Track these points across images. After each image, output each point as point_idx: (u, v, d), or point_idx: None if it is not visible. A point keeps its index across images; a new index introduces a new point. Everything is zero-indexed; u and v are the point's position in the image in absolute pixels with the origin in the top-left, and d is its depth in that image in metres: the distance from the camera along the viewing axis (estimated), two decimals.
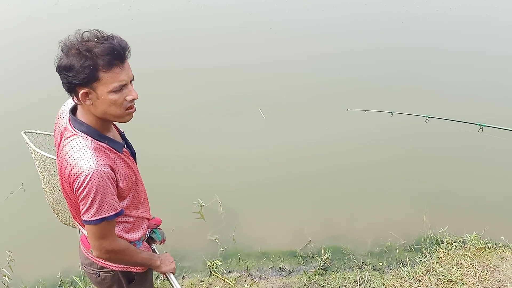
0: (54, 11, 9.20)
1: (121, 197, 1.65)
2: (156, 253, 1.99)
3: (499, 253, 3.66)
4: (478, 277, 3.38)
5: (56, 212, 2.40)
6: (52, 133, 1.79)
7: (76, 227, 2.69)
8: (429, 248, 3.74)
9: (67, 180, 1.53)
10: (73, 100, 1.55)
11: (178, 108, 5.73)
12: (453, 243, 3.75)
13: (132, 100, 1.55)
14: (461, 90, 6.59)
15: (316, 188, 4.56)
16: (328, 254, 3.70)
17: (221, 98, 6.05)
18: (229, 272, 3.57)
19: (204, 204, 4.15)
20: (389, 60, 7.50)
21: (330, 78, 6.78)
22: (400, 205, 4.34)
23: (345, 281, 3.43)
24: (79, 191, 1.49)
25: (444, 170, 4.90)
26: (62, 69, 1.45)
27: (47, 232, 3.68)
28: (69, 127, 1.57)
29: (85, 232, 1.77)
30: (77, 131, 1.54)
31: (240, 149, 5.10)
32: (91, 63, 1.42)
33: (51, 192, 2.33)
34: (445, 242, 3.78)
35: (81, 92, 1.47)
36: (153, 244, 2.04)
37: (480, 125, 3.56)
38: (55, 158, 2.26)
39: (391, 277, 3.45)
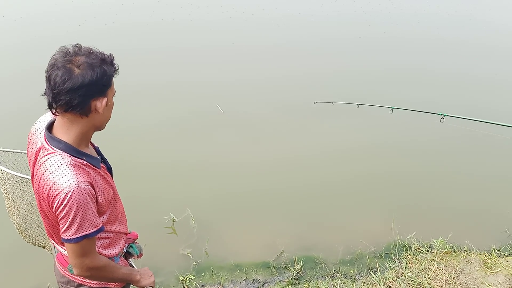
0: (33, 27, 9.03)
1: (100, 213, 1.64)
2: (134, 267, 1.98)
3: (464, 257, 3.79)
4: (445, 280, 3.49)
5: (22, 231, 2.34)
6: (19, 151, 1.76)
7: (44, 247, 2.63)
8: (398, 254, 3.84)
9: (46, 199, 1.51)
10: (68, 117, 1.50)
11: (148, 124, 5.70)
12: (421, 249, 3.87)
13: None
14: (424, 81, 6.92)
15: (288, 200, 4.61)
16: (301, 264, 3.74)
17: (188, 112, 6.07)
18: (202, 286, 3.55)
19: (176, 219, 4.13)
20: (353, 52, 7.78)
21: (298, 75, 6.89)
22: (369, 214, 4.44)
23: None
24: (59, 209, 1.47)
25: (409, 177, 5.06)
26: (75, 89, 1.41)
27: (12, 251, 3.57)
28: (45, 145, 1.54)
29: (61, 250, 1.75)
30: (55, 148, 1.52)
31: (211, 162, 5.11)
32: (104, 71, 1.47)
33: (16, 211, 2.28)
34: (413, 247, 3.89)
35: (99, 102, 1.49)
36: (130, 259, 2.03)
37: (441, 114, 3.72)
38: (22, 176, 2.22)
39: (363, 284, 3.51)
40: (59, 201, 1.45)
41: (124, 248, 1.94)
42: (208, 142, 5.49)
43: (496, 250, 3.90)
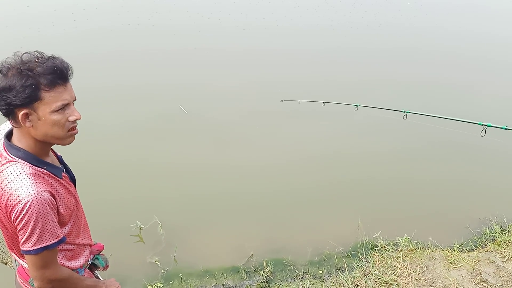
0: None
1: (62, 224, 1.60)
2: (101, 279, 1.93)
3: (428, 253, 3.90)
4: (411, 277, 3.57)
5: None
6: None
7: (6, 264, 2.52)
8: (365, 253, 3.91)
9: (4, 209, 1.47)
10: (11, 124, 1.49)
11: (110, 129, 5.60)
12: (387, 247, 3.95)
13: (75, 121, 1.53)
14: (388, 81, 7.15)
15: (256, 203, 4.62)
16: (270, 266, 3.75)
17: (152, 117, 6.01)
18: None
19: (143, 226, 4.06)
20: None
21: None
22: (336, 214, 4.50)
23: None
24: (18, 220, 1.42)
25: (373, 177, 5.15)
26: (1, 91, 1.39)
27: None
28: (4, 153, 1.51)
29: (22, 262, 1.69)
30: (14, 157, 1.48)
31: (177, 167, 5.06)
32: (33, 82, 1.38)
33: None
34: (379, 246, 3.97)
35: (21, 113, 1.42)
36: (96, 271, 1.98)
37: (404, 112, 3.83)
38: None
39: (331, 284, 3.55)
40: (17, 211, 1.41)
41: (89, 260, 1.90)
42: (173, 147, 5.43)
43: (458, 246, 4.03)
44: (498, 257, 3.83)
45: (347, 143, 5.72)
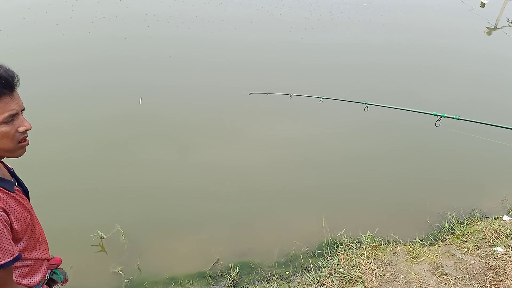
0: None
1: (16, 240, 1.51)
2: None
3: (391, 249, 3.98)
4: (375, 273, 3.64)
5: None
6: None
7: None
8: (330, 252, 3.96)
9: None
10: None
11: (66, 141, 5.39)
12: (351, 244, 4.01)
13: (25, 132, 1.46)
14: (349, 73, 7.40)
15: (220, 207, 4.57)
16: (237, 270, 3.73)
17: (108, 120, 5.83)
18: None
19: (104, 236, 3.93)
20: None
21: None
22: (301, 215, 4.52)
23: None
24: None
25: (335, 175, 5.21)
26: None
27: None
28: None
29: None
30: None
31: (136, 173, 4.92)
32: None
33: None
34: (343, 244, 4.02)
35: None
36: (54, 286, 1.90)
37: (366, 103, 3.91)
38: None
39: (298, 284, 3.56)
40: None
41: (47, 275, 1.81)
42: (132, 152, 5.28)
43: (419, 241, 4.15)
44: (457, 249, 3.96)
45: (312, 140, 5.74)
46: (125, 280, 3.64)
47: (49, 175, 4.65)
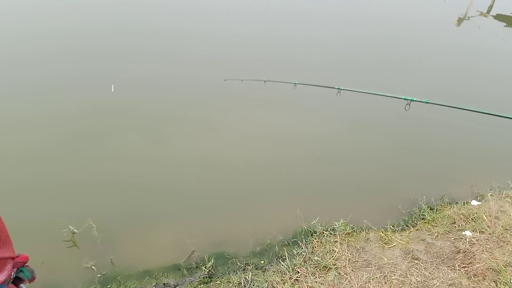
0: None
1: None
2: None
3: (364, 236, 4.04)
4: (348, 260, 3.69)
5: None
6: None
7: None
8: (304, 240, 3.99)
9: None
10: None
11: (35, 133, 5.27)
12: (325, 232, 4.05)
13: None
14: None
15: (195, 197, 4.54)
16: (212, 261, 3.72)
17: (79, 113, 5.74)
18: None
19: (76, 231, 3.86)
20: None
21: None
22: (275, 203, 4.53)
23: (230, 285, 3.48)
24: None
25: (307, 163, 5.23)
26: None
27: None
28: None
29: None
30: None
31: (109, 168, 4.85)
32: None
33: None
34: (317, 232, 4.06)
35: None
36: (21, 285, 1.85)
37: (338, 88, 3.96)
38: None
39: (273, 273, 3.58)
40: None
41: (12, 273, 1.76)
42: (103, 143, 5.20)
43: (391, 227, 4.22)
44: (428, 234, 4.05)
45: (285, 126, 5.77)
46: (98, 275, 3.59)
47: (18, 168, 4.53)
